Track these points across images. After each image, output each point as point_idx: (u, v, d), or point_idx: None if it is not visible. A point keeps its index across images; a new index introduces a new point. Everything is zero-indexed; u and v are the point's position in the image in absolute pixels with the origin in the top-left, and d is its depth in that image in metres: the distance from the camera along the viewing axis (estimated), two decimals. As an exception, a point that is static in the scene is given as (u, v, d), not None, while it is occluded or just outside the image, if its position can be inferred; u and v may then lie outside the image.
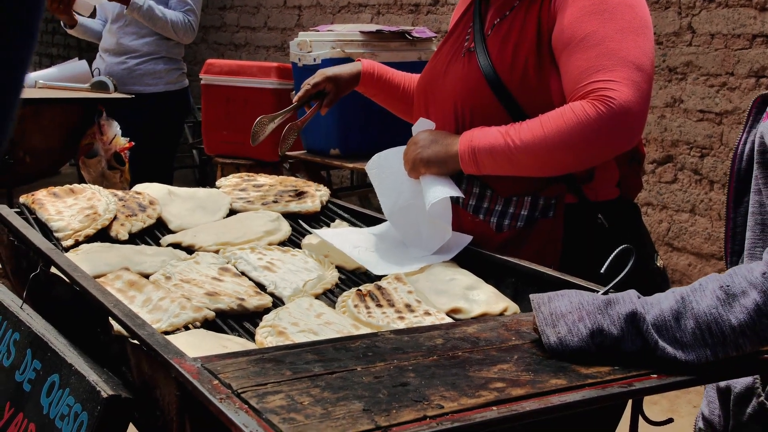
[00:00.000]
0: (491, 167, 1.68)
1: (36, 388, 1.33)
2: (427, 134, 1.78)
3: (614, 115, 1.56)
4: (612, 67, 1.59)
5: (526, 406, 0.97)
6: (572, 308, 1.12)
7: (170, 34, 4.19)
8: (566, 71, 1.65)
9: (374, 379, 1.02)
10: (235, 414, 0.92)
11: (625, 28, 1.62)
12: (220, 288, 1.58)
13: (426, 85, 1.91)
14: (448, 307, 1.54)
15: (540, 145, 1.61)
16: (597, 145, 1.60)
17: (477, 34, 1.79)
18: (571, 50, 1.64)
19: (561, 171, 1.69)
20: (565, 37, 1.65)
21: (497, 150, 1.65)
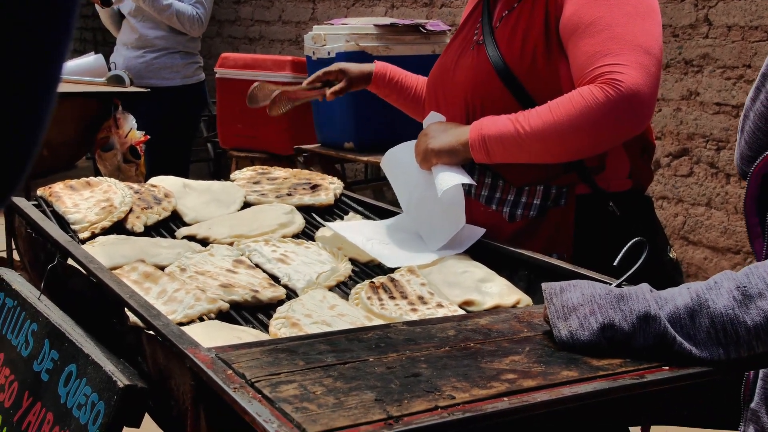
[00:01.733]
0: (502, 155, 1.69)
1: (54, 377, 1.35)
2: (437, 125, 1.79)
3: (623, 98, 1.56)
4: (619, 51, 1.59)
5: (538, 397, 0.97)
6: (584, 301, 1.13)
7: (176, 24, 4.20)
8: (574, 57, 1.66)
9: (386, 369, 1.03)
10: (248, 403, 0.93)
11: (632, 13, 1.63)
12: (235, 280, 1.60)
13: (436, 79, 1.92)
14: (461, 300, 1.55)
15: (550, 130, 1.61)
16: (606, 129, 1.60)
17: (485, 27, 1.80)
18: (578, 36, 1.64)
19: (571, 156, 1.69)
20: (572, 23, 1.66)
21: (507, 137, 1.65)
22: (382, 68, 2.14)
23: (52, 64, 0.36)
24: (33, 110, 0.36)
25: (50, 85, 0.36)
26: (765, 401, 1.36)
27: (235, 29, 7.99)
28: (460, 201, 1.72)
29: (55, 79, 0.37)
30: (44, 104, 0.36)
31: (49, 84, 0.36)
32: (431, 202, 1.78)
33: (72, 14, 0.36)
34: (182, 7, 4.18)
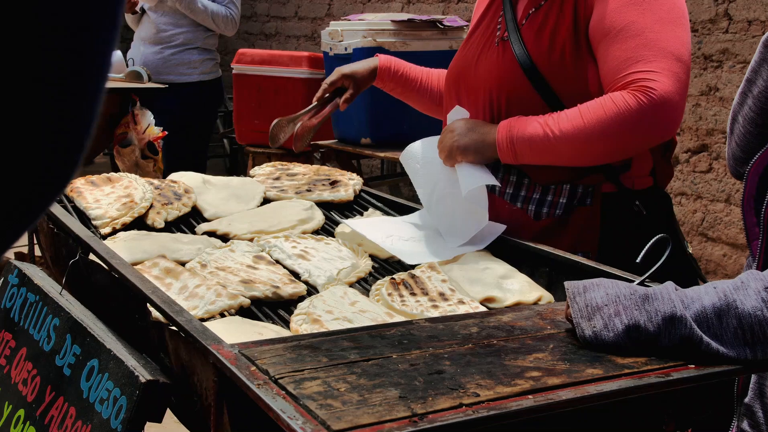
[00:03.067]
0: (529, 157, 1.68)
1: (76, 372, 1.35)
2: (463, 122, 1.78)
3: (654, 106, 1.57)
4: (652, 58, 1.59)
5: (563, 395, 0.97)
6: (608, 300, 1.12)
7: (211, 25, 4.24)
8: (605, 61, 1.65)
9: (410, 366, 1.03)
10: (272, 400, 0.92)
11: (664, 19, 1.62)
12: (255, 276, 1.60)
13: (457, 74, 1.91)
14: (482, 296, 1.54)
15: (579, 135, 1.61)
16: (636, 136, 1.61)
17: (509, 24, 1.79)
18: (609, 40, 1.64)
19: (599, 161, 1.69)
20: (603, 27, 1.65)
21: (536, 140, 1.65)
22: (386, 61, 2.12)
23: (101, 58, 0.36)
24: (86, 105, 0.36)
25: (100, 79, 0.36)
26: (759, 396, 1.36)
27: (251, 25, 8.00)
28: (483, 200, 1.72)
29: (104, 72, 0.36)
30: (94, 99, 0.36)
31: (99, 78, 0.36)
32: (453, 199, 1.77)
33: (118, 6, 0.35)
34: (216, 9, 4.23)
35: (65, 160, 0.36)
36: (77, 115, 0.35)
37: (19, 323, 1.56)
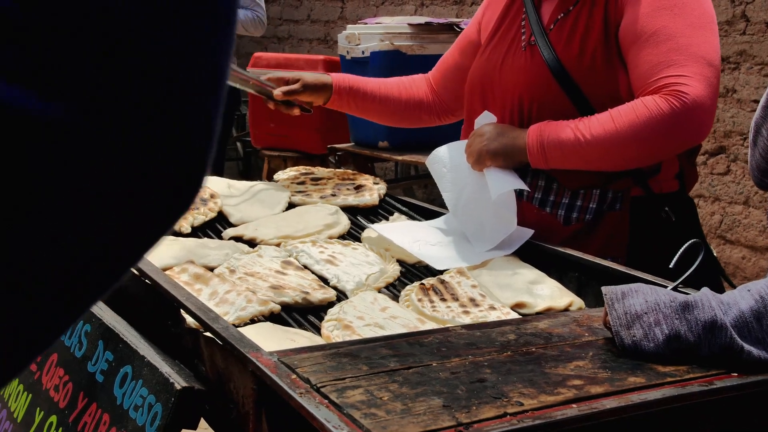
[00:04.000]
0: (560, 161, 1.68)
1: (109, 379, 1.35)
2: (492, 127, 1.78)
3: (687, 111, 1.57)
4: (684, 62, 1.59)
5: (606, 404, 0.96)
6: (648, 308, 1.10)
7: (240, 31, 4.28)
8: (635, 65, 1.65)
9: (451, 374, 1.02)
10: (316, 409, 0.92)
11: (695, 23, 1.62)
12: (284, 281, 1.59)
13: (481, 79, 1.90)
14: (512, 302, 1.54)
15: (611, 139, 1.61)
16: (668, 140, 1.61)
17: (535, 28, 1.78)
18: (640, 45, 1.64)
19: (629, 165, 1.68)
20: (634, 31, 1.65)
21: (567, 144, 1.65)
22: (340, 78, 2.10)
23: (221, 58, 0.36)
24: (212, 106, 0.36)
25: (221, 80, 0.36)
26: None
27: (264, 28, 8.01)
28: (511, 204, 1.71)
29: (224, 73, 0.36)
30: (216, 100, 0.36)
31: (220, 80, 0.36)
32: (481, 204, 1.76)
33: (233, 10, 0.35)
34: (242, 14, 4.27)
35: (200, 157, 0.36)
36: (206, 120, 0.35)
37: (49, 329, 1.56)
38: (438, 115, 2.17)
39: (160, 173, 0.34)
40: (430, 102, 2.15)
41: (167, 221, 0.36)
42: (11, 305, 0.32)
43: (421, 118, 2.18)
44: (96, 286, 0.35)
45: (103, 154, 0.32)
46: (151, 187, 0.34)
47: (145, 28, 0.32)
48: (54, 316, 0.34)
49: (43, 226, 0.31)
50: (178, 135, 0.34)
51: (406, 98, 2.13)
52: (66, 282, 0.33)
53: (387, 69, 3.65)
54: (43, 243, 0.31)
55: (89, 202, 0.32)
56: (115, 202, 0.33)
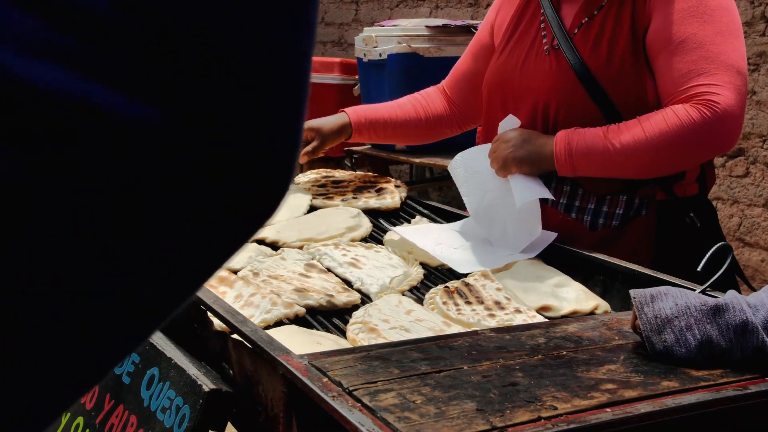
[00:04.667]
0: (587, 169, 1.67)
1: (135, 380, 1.35)
2: (518, 133, 1.76)
3: (718, 120, 1.57)
4: (714, 71, 1.59)
5: (640, 408, 0.95)
6: (678, 312, 1.10)
7: None
8: (664, 73, 1.65)
9: (482, 378, 1.02)
10: (349, 412, 0.92)
11: (724, 31, 1.62)
12: (308, 284, 1.59)
13: (500, 83, 1.88)
14: (538, 305, 1.53)
15: (641, 148, 1.60)
16: (699, 149, 1.61)
17: (558, 31, 1.77)
18: (670, 52, 1.64)
19: (657, 174, 1.69)
20: (663, 38, 1.65)
21: (595, 153, 1.64)
22: (355, 114, 2.07)
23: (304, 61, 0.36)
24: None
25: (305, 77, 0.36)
26: None
27: (278, 30, 8.02)
28: (535, 211, 1.71)
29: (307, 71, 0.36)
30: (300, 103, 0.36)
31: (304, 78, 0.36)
32: (504, 208, 1.76)
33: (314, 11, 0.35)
34: None
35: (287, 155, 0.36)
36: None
37: (74, 331, 1.56)
38: (458, 125, 2.16)
39: (253, 179, 0.34)
40: (448, 114, 2.13)
41: (250, 230, 0.36)
42: (104, 310, 0.31)
43: (443, 132, 2.16)
44: (173, 296, 0.35)
45: (199, 160, 0.32)
46: (242, 194, 0.34)
47: (241, 32, 0.32)
48: (133, 327, 0.34)
49: (138, 232, 0.31)
50: (271, 141, 0.34)
51: (424, 116, 2.11)
52: (150, 291, 0.33)
53: (404, 71, 3.65)
54: (133, 251, 0.31)
55: (180, 209, 0.32)
56: (206, 210, 0.33)
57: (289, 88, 0.34)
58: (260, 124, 0.33)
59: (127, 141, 0.30)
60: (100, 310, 0.32)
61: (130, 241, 0.31)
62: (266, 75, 0.33)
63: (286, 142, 0.35)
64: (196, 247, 0.34)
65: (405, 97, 2.15)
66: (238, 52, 0.32)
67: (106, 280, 0.31)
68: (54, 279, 0.30)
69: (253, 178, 0.34)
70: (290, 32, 0.34)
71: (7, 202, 0.28)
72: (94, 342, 0.32)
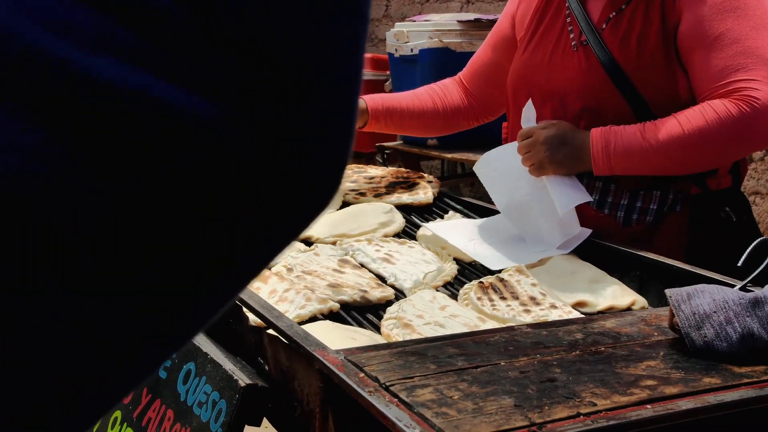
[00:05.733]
0: (624, 168, 1.65)
1: (172, 375, 1.36)
2: (553, 133, 1.70)
3: (758, 115, 1.55)
4: (752, 66, 1.57)
5: (682, 405, 0.94)
6: (717, 307, 1.08)
7: None
8: (699, 69, 1.63)
9: (520, 374, 1.01)
10: (386, 407, 0.92)
11: (758, 25, 1.59)
12: (342, 280, 1.59)
13: (525, 80, 1.86)
14: (573, 300, 1.52)
15: (680, 145, 1.58)
16: (738, 145, 1.59)
17: (585, 26, 1.75)
18: (705, 49, 1.62)
19: (695, 170, 1.67)
20: (697, 34, 1.63)
21: (634, 152, 1.62)
22: (373, 101, 2.04)
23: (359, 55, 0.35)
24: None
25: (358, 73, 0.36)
26: None
27: (309, 27, 8.03)
28: (572, 211, 1.68)
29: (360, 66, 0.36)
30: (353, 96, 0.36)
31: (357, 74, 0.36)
32: (537, 206, 1.73)
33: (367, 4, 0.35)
34: None
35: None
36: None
37: (111, 326, 1.57)
38: (476, 117, 2.13)
39: (309, 175, 0.34)
40: (466, 106, 2.10)
41: (301, 226, 0.36)
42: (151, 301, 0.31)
43: (459, 124, 2.13)
44: (223, 293, 0.34)
45: (258, 156, 0.31)
46: (297, 189, 0.34)
47: (297, 28, 0.32)
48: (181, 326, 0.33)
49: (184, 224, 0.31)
50: (326, 138, 0.34)
51: (441, 108, 2.08)
52: (201, 286, 0.33)
53: (436, 66, 3.64)
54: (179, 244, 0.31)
55: (238, 203, 0.32)
56: (262, 205, 0.33)
57: (343, 85, 0.34)
58: (316, 121, 0.33)
59: (186, 135, 0.30)
60: (151, 307, 0.31)
61: (182, 236, 0.31)
62: (322, 71, 0.33)
63: (340, 138, 0.35)
64: (248, 243, 0.33)
65: (422, 88, 2.14)
66: (294, 49, 0.32)
67: (159, 274, 0.31)
68: (105, 271, 0.30)
69: (308, 175, 0.34)
70: (344, 28, 0.33)
71: (63, 196, 0.28)
72: (144, 342, 0.32)
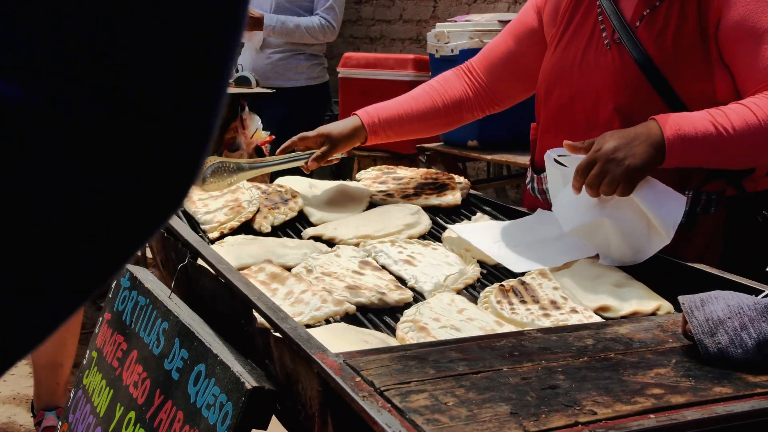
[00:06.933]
0: (695, 158, 1.53)
1: (184, 377, 1.36)
2: (617, 139, 1.52)
3: None
4: None
5: (688, 415, 0.90)
6: (731, 313, 1.03)
7: (309, 40, 4.24)
8: (750, 64, 1.58)
9: (521, 380, 0.98)
10: (377, 413, 0.89)
11: None
12: (361, 281, 1.57)
13: (557, 79, 1.81)
14: (596, 305, 1.47)
15: (755, 133, 1.51)
16: None
17: (618, 24, 1.70)
18: (754, 42, 1.57)
19: (762, 161, 1.59)
20: (742, 29, 1.59)
21: (709, 139, 1.51)
22: (367, 115, 1.97)
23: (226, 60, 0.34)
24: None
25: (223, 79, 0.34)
26: None
27: (356, 29, 8.06)
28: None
29: (226, 73, 0.34)
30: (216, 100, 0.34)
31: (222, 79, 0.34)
32: (619, 224, 1.56)
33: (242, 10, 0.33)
34: (308, 22, 4.22)
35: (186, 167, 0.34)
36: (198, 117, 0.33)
37: (130, 326, 1.58)
38: (481, 108, 2.06)
39: (138, 167, 0.32)
40: (470, 97, 2.03)
41: (146, 221, 0.34)
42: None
43: (463, 117, 2.07)
44: (78, 284, 0.33)
45: (78, 140, 0.30)
46: (128, 182, 0.32)
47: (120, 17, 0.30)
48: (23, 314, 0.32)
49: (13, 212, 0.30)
50: (156, 128, 0.32)
51: (442, 104, 2.02)
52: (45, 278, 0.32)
53: (476, 67, 3.60)
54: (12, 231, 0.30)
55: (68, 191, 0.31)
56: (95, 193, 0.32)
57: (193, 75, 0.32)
58: (141, 110, 0.31)
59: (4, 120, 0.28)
60: None
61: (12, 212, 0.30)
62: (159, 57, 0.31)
63: (182, 128, 0.33)
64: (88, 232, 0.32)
65: (419, 87, 2.08)
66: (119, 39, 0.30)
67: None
68: None
69: (140, 164, 0.32)
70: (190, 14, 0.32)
71: None
72: None
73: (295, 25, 4.18)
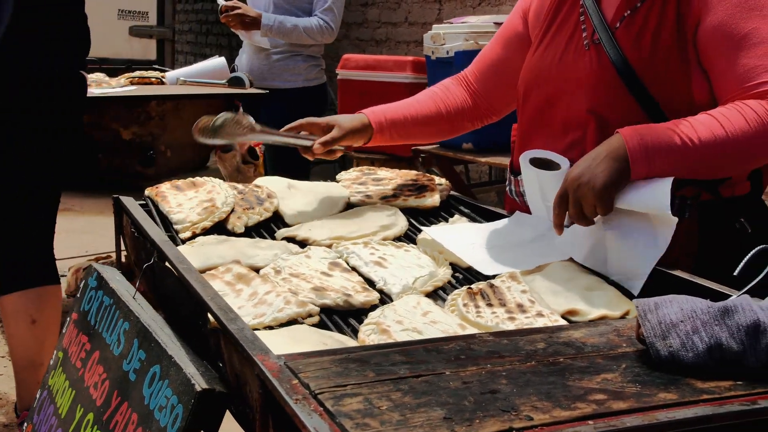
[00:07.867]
0: (661, 168, 1.48)
1: (140, 378, 1.34)
2: (579, 166, 1.50)
3: None
4: None
5: (627, 422, 0.87)
6: (684, 316, 1.01)
7: (306, 40, 4.21)
8: (725, 69, 1.55)
9: (462, 384, 0.95)
10: (307, 416, 0.87)
11: None
12: (328, 283, 1.55)
13: (536, 79, 1.78)
14: (565, 309, 1.44)
15: (722, 145, 1.48)
16: None
17: (599, 25, 1.67)
18: (732, 48, 1.54)
19: (729, 173, 1.57)
20: (721, 33, 1.55)
21: (674, 150, 1.48)
22: (374, 114, 1.96)
23: None
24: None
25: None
26: None
27: (362, 32, 8.05)
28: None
29: None
30: None
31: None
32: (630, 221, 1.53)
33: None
34: (306, 23, 4.18)
35: None
36: None
37: (94, 326, 1.57)
38: (480, 117, 2.05)
39: None
40: (470, 106, 2.02)
41: None
42: None
43: (464, 126, 2.05)
44: None
45: None
46: None
47: None
48: None
49: None
50: None
51: (445, 111, 2.00)
52: None
53: (471, 69, 3.58)
54: None
55: None
56: None
57: None
58: None
59: None
60: None
61: None
62: None
63: None
64: None
65: (423, 92, 2.07)
66: None
67: None
68: None
69: None
70: None
71: None
72: None
73: (293, 26, 4.16)
